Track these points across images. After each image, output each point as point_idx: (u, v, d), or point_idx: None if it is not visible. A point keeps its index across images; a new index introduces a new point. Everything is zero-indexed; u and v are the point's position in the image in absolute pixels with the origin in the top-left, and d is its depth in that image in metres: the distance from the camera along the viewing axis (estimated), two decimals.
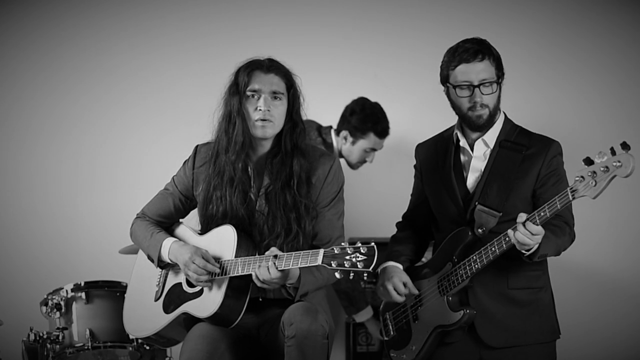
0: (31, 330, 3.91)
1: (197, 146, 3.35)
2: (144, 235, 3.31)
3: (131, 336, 3.62)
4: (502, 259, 3.10)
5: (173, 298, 3.26)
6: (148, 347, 3.93)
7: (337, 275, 2.83)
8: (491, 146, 3.24)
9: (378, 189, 4.96)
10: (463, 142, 3.28)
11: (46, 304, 3.99)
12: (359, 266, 2.81)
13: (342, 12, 5.02)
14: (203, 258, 3.12)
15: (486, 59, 3.17)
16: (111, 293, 4.01)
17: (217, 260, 3.14)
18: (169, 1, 5.09)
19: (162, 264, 3.29)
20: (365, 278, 2.87)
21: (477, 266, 3.12)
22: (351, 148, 4.62)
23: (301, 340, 2.99)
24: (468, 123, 3.23)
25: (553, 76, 4.85)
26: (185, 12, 5.05)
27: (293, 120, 3.22)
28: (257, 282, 3.02)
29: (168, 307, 3.26)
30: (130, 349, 3.92)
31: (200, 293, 3.18)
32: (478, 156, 3.25)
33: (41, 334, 3.90)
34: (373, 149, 4.64)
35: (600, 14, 4.81)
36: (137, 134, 5.02)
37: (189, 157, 3.34)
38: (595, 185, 2.78)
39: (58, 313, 3.96)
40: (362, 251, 2.81)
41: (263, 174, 3.23)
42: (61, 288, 4.00)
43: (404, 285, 3.28)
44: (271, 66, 3.19)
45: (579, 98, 4.83)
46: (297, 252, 2.95)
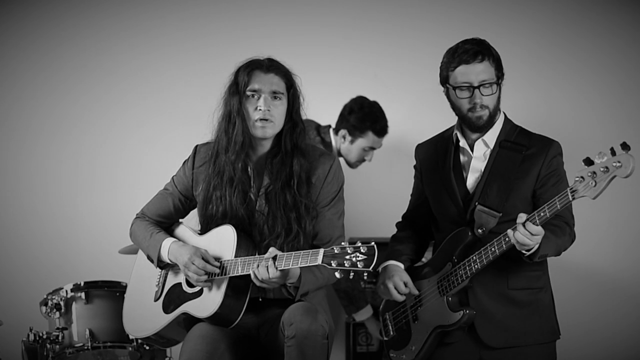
0: (31, 330, 3.91)
1: (197, 146, 3.35)
2: (144, 235, 3.31)
3: (131, 336, 3.61)
4: (502, 259, 3.09)
5: (173, 298, 3.25)
6: (148, 347, 3.93)
7: (337, 274, 2.83)
8: (491, 146, 3.23)
9: (378, 189, 4.96)
10: (463, 143, 3.27)
11: (46, 304, 3.99)
12: (359, 266, 2.81)
13: (342, 12, 5.01)
14: (203, 258, 3.12)
15: (486, 60, 3.16)
16: (111, 293, 4.00)
17: (217, 260, 3.14)
18: (169, 1, 5.08)
19: (162, 264, 3.28)
20: (365, 278, 2.86)
21: (477, 266, 3.12)
22: (350, 147, 4.62)
23: (301, 340, 2.98)
24: (468, 124, 3.22)
25: (553, 76, 4.85)
26: (185, 12, 5.05)
27: (293, 120, 3.21)
28: (256, 282, 3.02)
29: (168, 307, 3.25)
30: (130, 349, 3.92)
31: (200, 293, 3.18)
32: (478, 156, 3.25)
33: (41, 334, 3.90)
34: (372, 148, 4.63)
35: (600, 14, 4.81)
36: (137, 134, 5.02)
37: (189, 157, 3.34)
38: (595, 185, 2.77)
39: (58, 313, 3.96)
40: (362, 251, 2.81)
41: (263, 174, 3.22)
42: (61, 288, 4.00)
43: (405, 284, 3.28)
44: (271, 66, 3.18)
45: (579, 98, 4.83)
46: (297, 252, 2.95)
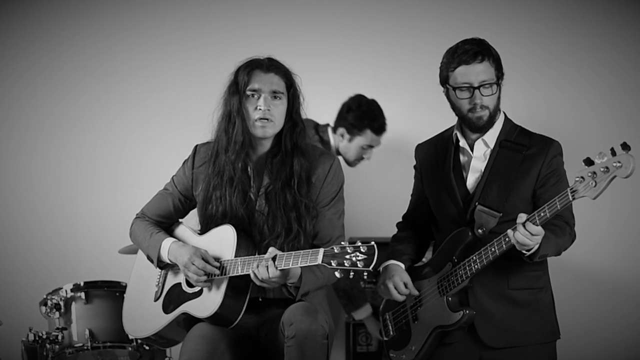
0: (30, 330, 3.91)
1: (197, 146, 3.34)
2: (144, 235, 3.30)
3: (131, 336, 3.60)
4: (502, 259, 3.09)
5: (173, 298, 3.25)
6: (147, 348, 3.93)
7: (337, 274, 2.83)
8: (491, 146, 3.23)
9: (378, 189, 4.96)
10: (463, 143, 3.27)
11: (45, 304, 3.99)
12: (359, 265, 2.80)
13: (342, 12, 5.01)
14: (203, 259, 3.12)
15: (486, 60, 3.16)
16: (111, 293, 4.00)
17: (217, 260, 3.13)
18: (169, 1, 5.08)
19: (162, 264, 3.28)
20: (365, 277, 2.86)
21: (477, 266, 3.12)
22: (348, 145, 4.62)
23: (301, 340, 2.98)
24: (468, 124, 3.22)
25: (553, 76, 4.85)
26: (185, 12, 5.05)
27: (293, 119, 3.21)
28: (256, 281, 3.01)
29: (168, 307, 3.25)
30: (129, 349, 3.92)
31: (199, 293, 3.17)
32: (478, 156, 3.25)
33: (40, 334, 3.90)
34: (370, 146, 4.64)
35: (600, 14, 4.81)
36: (137, 134, 5.02)
37: (189, 157, 3.33)
38: (595, 185, 2.77)
39: (57, 313, 3.96)
40: (362, 250, 2.81)
41: (263, 174, 3.22)
42: (60, 288, 4.00)
43: (405, 285, 3.27)
44: (271, 65, 3.18)
45: (579, 98, 4.83)
46: (297, 252, 2.94)
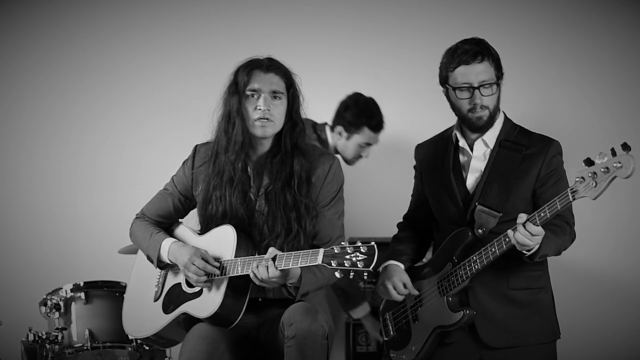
0: (30, 330, 3.91)
1: (197, 146, 3.34)
2: (144, 235, 3.30)
3: (130, 336, 3.60)
4: (503, 259, 3.09)
5: (172, 298, 3.25)
6: (147, 348, 3.93)
7: (337, 274, 2.83)
8: (491, 146, 3.23)
9: (378, 189, 4.95)
10: (462, 143, 3.27)
11: (45, 304, 3.99)
12: (359, 265, 2.80)
13: (342, 12, 5.01)
14: (203, 259, 3.12)
15: (485, 60, 3.16)
16: (110, 293, 4.00)
17: (217, 260, 3.13)
18: (169, 1, 5.08)
19: (162, 265, 3.28)
20: (365, 277, 2.86)
21: (477, 267, 3.12)
22: (346, 143, 4.62)
23: (301, 340, 2.98)
24: (468, 124, 3.22)
25: (553, 76, 4.84)
26: (185, 12, 5.05)
27: (293, 119, 3.21)
28: (256, 281, 3.01)
29: (167, 308, 3.25)
30: (129, 350, 3.91)
31: (199, 293, 3.17)
32: (478, 156, 3.24)
33: (40, 334, 3.90)
34: (368, 144, 4.64)
35: (600, 14, 4.81)
36: (137, 134, 5.02)
37: (189, 157, 3.33)
38: (595, 186, 2.77)
39: (57, 313, 3.95)
40: (362, 250, 2.81)
41: (262, 174, 3.22)
42: (60, 288, 4.00)
43: (404, 285, 3.27)
44: (271, 65, 3.18)
45: (579, 98, 4.83)
46: (297, 252, 2.94)
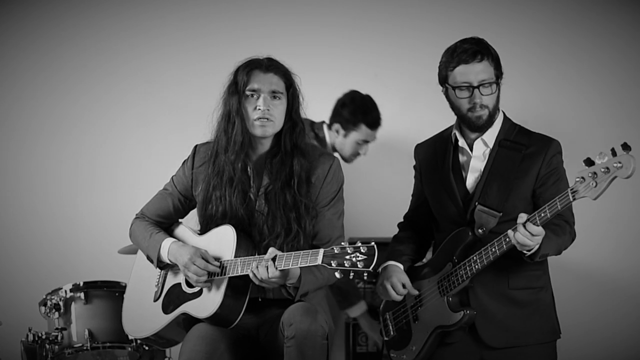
0: (30, 330, 3.91)
1: (197, 146, 3.34)
2: (143, 235, 3.30)
3: (130, 336, 3.60)
4: (503, 259, 3.08)
5: (172, 298, 3.25)
6: (147, 348, 3.93)
7: (337, 275, 2.83)
8: (490, 146, 3.23)
9: (378, 189, 4.95)
10: (462, 142, 3.27)
11: (45, 304, 3.99)
12: (359, 266, 2.80)
13: (342, 12, 5.01)
14: (203, 258, 3.12)
15: (485, 60, 3.16)
16: (110, 293, 4.00)
17: (217, 260, 3.13)
18: (169, 1, 5.08)
19: (162, 265, 3.28)
20: (365, 278, 2.86)
21: (478, 267, 3.12)
22: (344, 141, 4.62)
23: (301, 340, 2.98)
24: (467, 124, 3.21)
25: (553, 76, 4.84)
26: (185, 12, 5.05)
27: (292, 119, 3.20)
28: (256, 281, 3.01)
29: (167, 308, 3.25)
30: (129, 350, 3.91)
31: (199, 293, 3.17)
32: (477, 156, 3.24)
33: (40, 335, 3.90)
34: (365, 141, 4.64)
35: (600, 14, 4.81)
36: (137, 134, 5.02)
37: (188, 157, 3.33)
38: (595, 186, 2.77)
39: (57, 313, 3.95)
40: (362, 251, 2.81)
41: (262, 174, 3.22)
42: (60, 288, 4.00)
43: (403, 285, 3.27)
44: (270, 65, 3.17)
45: (579, 98, 4.82)
46: (297, 252, 2.94)
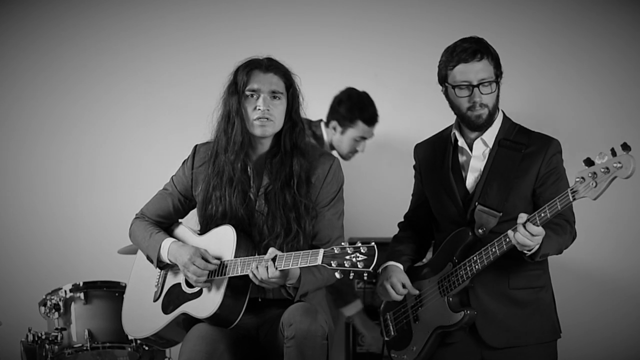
0: (30, 330, 3.91)
1: (196, 146, 3.34)
2: (143, 235, 3.30)
3: (130, 337, 3.61)
4: (503, 259, 3.08)
5: (172, 298, 3.25)
6: (147, 348, 3.93)
7: (337, 275, 2.83)
8: (490, 145, 3.22)
9: (378, 189, 4.95)
10: (461, 142, 3.27)
11: (45, 305, 3.99)
12: (359, 266, 2.80)
13: (342, 12, 5.01)
14: (203, 258, 3.11)
15: (485, 59, 3.16)
16: (110, 293, 4.00)
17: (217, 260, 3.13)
18: (169, 1, 5.08)
19: (162, 265, 3.28)
20: (365, 278, 2.85)
21: (478, 267, 3.11)
22: (341, 138, 4.62)
23: (301, 340, 2.98)
24: (467, 123, 3.21)
25: (553, 76, 4.84)
26: (185, 12, 5.05)
27: (292, 119, 3.20)
28: (256, 281, 3.01)
29: (167, 308, 3.25)
30: (129, 350, 3.91)
31: (199, 293, 3.17)
32: (477, 156, 3.24)
33: (40, 335, 3.90)
34: (363, 138, 4.63)
35: (600, 14, 4.81)
36: (137, 134, 5.02)
37: (188, 157, 3.33)
38: (595, 186, 2.77)
39: (57, 313, 3.95)
40: (362, 251, 2.81)
41: (262, 174, 3.22)
42: (60, 288, 4.00)
43: (403, 285, 3.27)
44: (270, 65, 3.17)
45: (579, 98, 4.82)
46: (297, 252, 2.94)
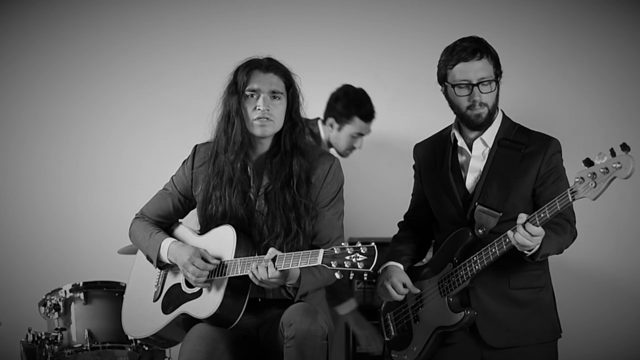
0: (29, 330, 3.91)
1: (196, 146, 3.34)
2: (143, 235, 3.30)
3: (130, 337, 3.60)
4: (503, 259, 3.08)
5: (172, 298, 3.25)
6: (147, 348, 3.93)
7: (337, 275, 2.82)
8: (490, 145, 3.22)
9: (378, 189, 4.95)
10: (461, 142, 3.26)
11: (45, 305, 3.99)
12: (359, 266, 2.80)
13: (342, 12, 5.01)
14: (202, 258, 3.11)
15: (484, 58, 3.16)
16: (110, 293, 4.00)
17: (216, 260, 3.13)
18: (169, 1, 5.08)
19: (161, 265, 3.28)
20: (365, 278, 2.86)
21: (478, 267, 3.11)
22: (338, 135, 4.62)
23: (300, 341, 2.98)
24: (467, 122, 3.21)
25: (553, 76, 4.84)
26: (185, 12, 5.05)
27: (292, 119, 3.20)
28: (255, 281, 3.01)
29: (167, 308, 3.25)
30: (129, 350, 3.91)
31: (199, 293, 3.17)
32: (477, 156, 3.24)
33: (40, 335, 3.90)
34: (360, 134, 4.63)
35: (600, 14, 4.81)
36: (137, 134, 5.02)
37: (188, 157, 3.33)
38: (595, 186, 2.76)
39: (57, 314, 3.95)
40: (362, 251, 2.81)
41: (262, 174, 3.22)
42: (60, 288, 4.00)
43: (404, 285, 3.27)
44: (270, 65, 3.17)
45: (579, 98, 4.82)
46: (297, 252, 2.94)
